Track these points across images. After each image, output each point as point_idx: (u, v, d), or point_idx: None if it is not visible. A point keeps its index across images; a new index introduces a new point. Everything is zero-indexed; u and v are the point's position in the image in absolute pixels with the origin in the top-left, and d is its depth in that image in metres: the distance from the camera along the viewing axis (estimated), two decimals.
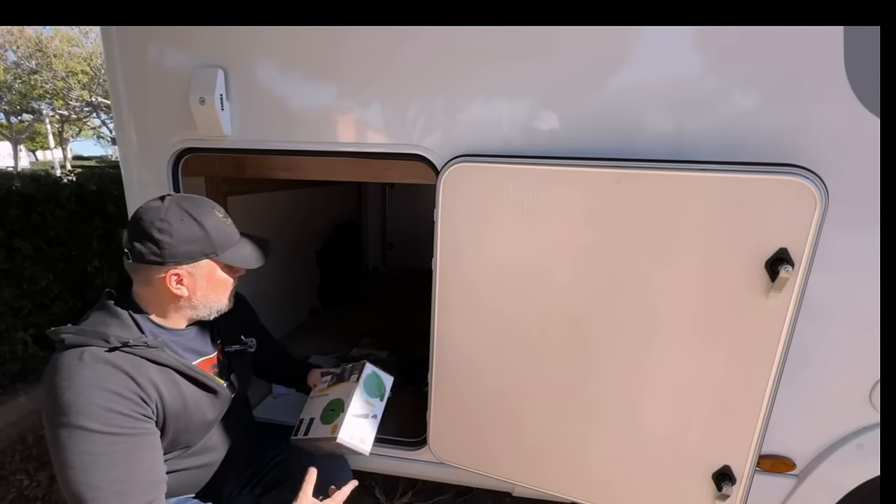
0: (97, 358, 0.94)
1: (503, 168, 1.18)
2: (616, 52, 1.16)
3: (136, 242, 1.00)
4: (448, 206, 1.25)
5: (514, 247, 1.22)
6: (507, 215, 1.20)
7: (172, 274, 1.02)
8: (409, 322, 2.70)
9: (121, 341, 0.96)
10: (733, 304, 1.06)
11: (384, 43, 1.26)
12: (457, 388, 1.40)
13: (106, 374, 0.93)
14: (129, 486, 0.92)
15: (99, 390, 0.91)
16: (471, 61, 1.23)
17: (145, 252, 0.99)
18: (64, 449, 0.88)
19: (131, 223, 1.02)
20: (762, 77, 1.09)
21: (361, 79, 1.30)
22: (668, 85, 1.14)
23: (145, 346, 0.99)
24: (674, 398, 1.18)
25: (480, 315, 1.30)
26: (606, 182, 1.09)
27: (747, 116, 1.11)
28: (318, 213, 3.05)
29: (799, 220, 0.98)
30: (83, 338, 0.95)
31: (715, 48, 1.11)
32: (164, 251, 0.99)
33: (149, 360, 1.00)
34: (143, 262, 1.00)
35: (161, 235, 0.99)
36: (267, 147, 1.42)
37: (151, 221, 0.99)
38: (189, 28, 1.36)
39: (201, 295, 1.08)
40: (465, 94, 1.26)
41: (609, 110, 1.17)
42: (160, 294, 1.06)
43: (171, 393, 1.03)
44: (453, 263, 1.29)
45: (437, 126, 1.29)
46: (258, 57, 1.36)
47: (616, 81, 1.17)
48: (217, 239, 1.06)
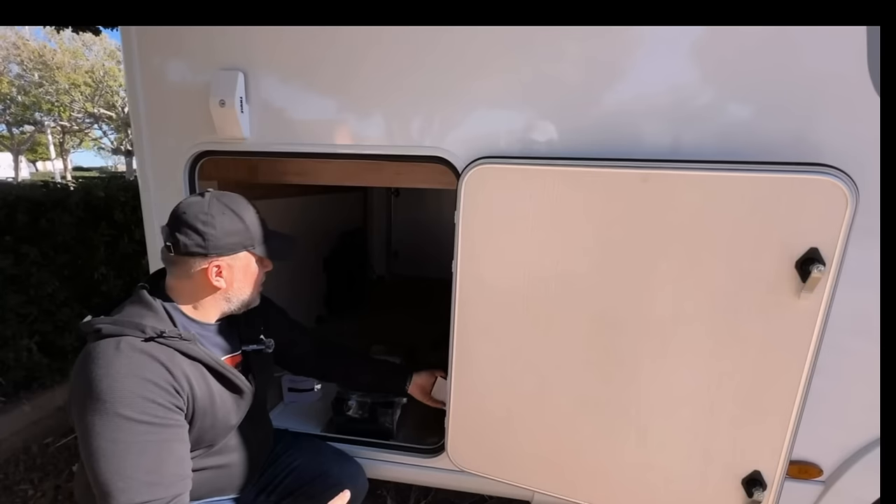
0: (134, 347, 0.95)
1: (526, 169, 1.17)
2: (638, 51, 1.17)
3: (180, 235, 1.03)
4: (470, 208, 1.24)
5: (537, 249, 1.21)
6: (530, 217, 1.19)
7: (214, 265, 1.06)
8: (416, 330, 2.68)
9: (156, 332, 0.98)
10: (763, 306, 1.05)
11: (405, 46, 1.27)
12: (477, 392, 1.38)
13: (142, 363, 0.94)
14: (159, 476, 0.91)
15: (136, 378, 0.92)
16: (492, 63, 1.23)
17: (189, 244, 1.03)
18: (97, 436, 0.89)
19: (174, 218, 1.06)
20: (786, 78, 1.09)
21: (382, 81, 1.31)
22: (692, 84, 1.14)
23: (179, 338, 1.01)
24: (702, 402, 1.16)
25: (502, 318, 1.29)
26: (632, 182, 1.09)
27: (771, 117, 1.11)
28: (327, 220, 3.05)
29: (830, 219, 0.97)
30: (120, 328, 0.97)
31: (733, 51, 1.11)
32: (208, 242, 1.03)
33: (181, 352, 1.02)
34: (187, 254, 1.04)
35: (205, 227, 1.03)
36: (285, 150, 1.42)
37: (195, 215, 1.03)
38: (209, 31, 1.37)
39: (237, 287, 1.12)
40: (488, 96, 1.26)
41: (631, 110, 1.17)
42: (198, 286, 1.09)
43: (201, 387, 1.04)
44: (475, 266, 1.28)
45: (458, 127, 1.29)
46: (278, 60, 1.36)
47: (638, 81, 1.17)
48: (254, 233, 1.11)
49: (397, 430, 1.71)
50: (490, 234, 1.24)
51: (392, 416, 1.66)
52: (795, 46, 1.08)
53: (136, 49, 1.44)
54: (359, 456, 1.56)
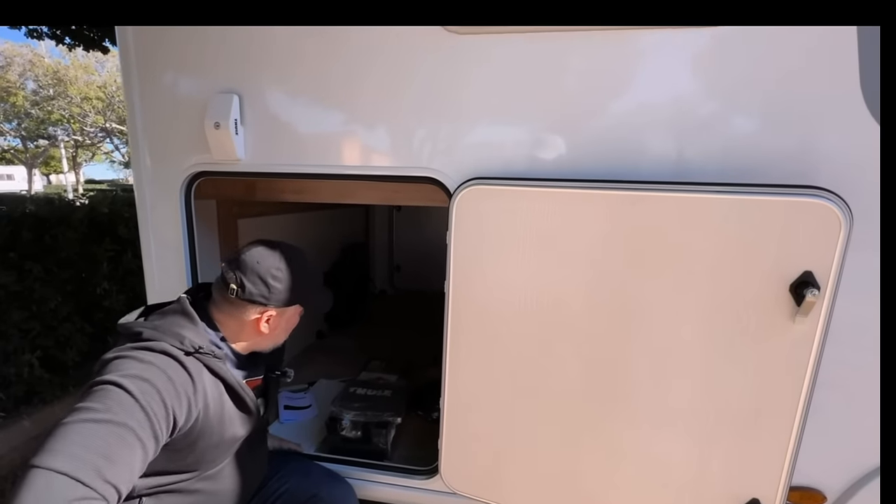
0: (167, 353, 0.98)
1: (518, 190, 1.17)
2: (628, 73, 1.17)
3: (248, 282, 1.09)
4: (461, 229, 1.24)
5: (528, 270, 1.20)
6: (522, 238, 1.18)
7: (268, 315, 1.13)
8: (417, 345, 2.66)
9: (194, 346, 1.01)
10: (758, 329, 1.03)
11: (396, 67, 1.28)
12: (470, 414, 1.36)
13: (174, 368, 0.97)
14: (109, 471, 0.82)
15: (164, 376, 0.94)
16: (484, 86, 1.24)
17: (255, 293, 1.10)
18: (87, 397, 0.87)
19: (246, 265, 1.11)
20: (779, 98, 1.09)
21: (375, 103, 1.32)
22: (681, 107, 1.14)
23: (212, 355, 1.05)
24: (697, 427, 1.13)
25: (495, 339, 1.27)
26: (622, 204, 1.08)
27: (763, 137, 1.10)
28: (326, 235, 3.06)
29: (823, 242, 0.95)
30: (161, 334, 1.01)
31: (726, 69, 1.11)
32: (272, 295, 1.11)
33: (209, 368, 1.05)
34: (248, 301, 1.10)
35: (274, 282, 1.11)
36: (279, 171, 1.43)
37: (269, 268, 1.11)
38: (206, 54, 1.39)
39: (277, 335, 1.20)
40: (479, 117, 1.26)
41: (622, 132, 1.17)
42: (244, 327, 1.15)
43: (216, 405, 1.06)
44: (467, 286, 1.27)
45: (449, 149, 1.29)
46: (272, 83, 1.38)
47: (628, 102, 1.17)
48: (312, 290, 1.20)
49: (392, 450, 1.70)
50: (482, 254, 1.23)
51: (386, 437, 1.64)
52: (790, 70, 1.07)
53: (135, 71, 1.46)
54: (351, 477, 1.54)
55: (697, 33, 1.10)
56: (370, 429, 1.63)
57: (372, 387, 1.88)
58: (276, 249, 1.14)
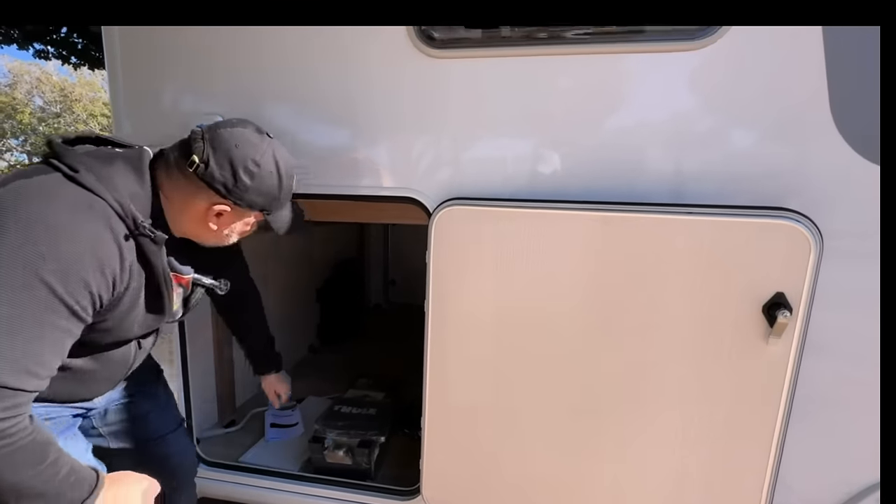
0: (106, 218, 0.83)
1: (495, 211, 1.18)
2: (610, 92, 1.18)
3: (216, 164, 0.91)
4: (440, 249, 1.24)
5: (506, 289, 1.20)
6: (499, 258, 1.19)
7: (221, 209, 0.96)
8: (409, 360, 2.63)
9: (134, 220, 0.86)
10: (732, 350, 1.03)
11: (377, 90, 1.30)
12: (451, 433, 1.35)
13: (104, 239, 0.83)
14: (40, 368, 0.78)
15: (89, 253, 0.80)
16: (461, 106, 1.25)
17: (217, 177, 0.91)
18: (2, 287, 0.73)
19: (220, 140, 0.92)
20: (756, 119, 1.10)
21: (356, 124, 1.34)
22: (664, 126, 1.15)
23: (152, 238, 0.90)
24: (675, 447, 1.12)
25: (474, 357, 1.27)
26: (598, 225, 1.09)
27: (741, 158, 1.11)
28: (320, 250, 3.07)
29: (794, 264, 0.96)
30: (102, 187, 0.84)
31: (709, 87, 1.12)
32: (235, 189, 0.93)
33: (142, 251, 0.90)
34: (205, 183, 0.92)
35: (245, 177, 0.92)
36: None
37: (245, 156, 0.92)
38: (193, 75, 1.42)
39: (223, 234, 1.02)
40: (457, 138, 1.28)
41: (603, 152, 1.18)
42: (188, 210, 0.97)
43: (135, 288, 0.93)
44: (446, 305, 1.27)
45: (428, 169, 1.30)
46: (256, 104, 1.40)
47: (610, 123, 1.18)
48: (282, 201, 1.03)
49: (376, 469, 1.68)
50: (461, 274, 1.24)
51: (370, 456, 1.63)
52: (760, 88, 1.08)
53: (121, 92, 1.49)
54: (333, 498, 1.52)
55: (672, 56, 1.12)
56: (353, 448, 1.61)
57: (357, 405, 1.86)
58: (264, 139, 0.97)
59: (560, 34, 1.15)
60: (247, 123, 0.98)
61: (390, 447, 1.79)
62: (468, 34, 1.24)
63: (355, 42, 1.28)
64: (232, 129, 0.94)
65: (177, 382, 1.64)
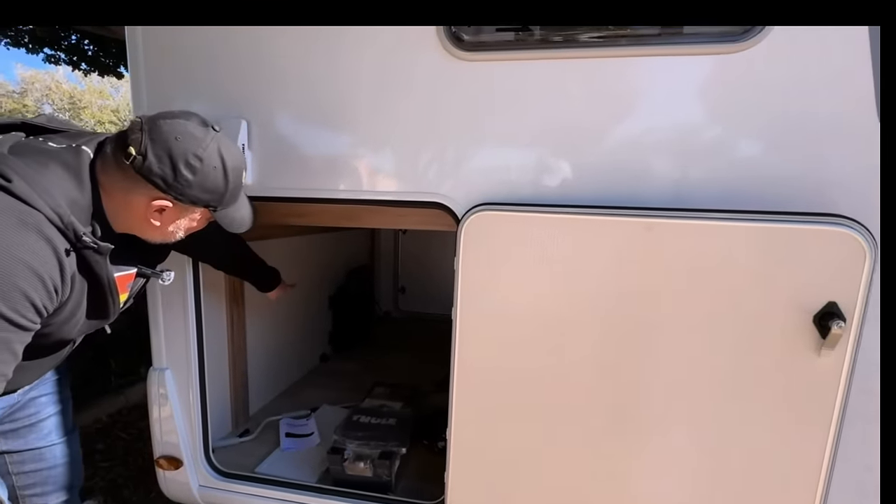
0: (41, 232, 0.78)
1: (528, 217, 1.15)
2: (636, 97, 1.15)
3: (154, 157, 0.85)
4: (469, 256, 1.21)
5: (538, 298, 1.17)
6: (532, 265, 1.16)
7: (162, 205, 0.90)
8: (421, 369, 2.61)
9: (76, 231, 0.81)
10: (780, 364, 0.99)
11: (404, 93, 1.28)
12: (479, 445, 1.31)
13: (42, 254, 0.78)
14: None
15: (27, 270, 0.76)
16: (492, 108, 1.23)
17: (156, 171, 0.85)
18: None
19: (161, 132, 0.86)
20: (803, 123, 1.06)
21: (381, 128, 1.31)
22: (706, 130, 1.12)
23: (95, 250, 0.85)
24: (716, 466, 1.08)
25: (505, 366, 1.23)
26: (636, 231, 1.05)
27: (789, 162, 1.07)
28: (332, 257, 3.04)
29: (848, 272, 0.92)
30: (37, 197, 0.78)
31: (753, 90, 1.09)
32: (175, 184, 0.87)
33: (85, 262, 0.86)
34: (143, 177, 0.86)
35: (186, 171, 0.87)
36: (286, 195, 1.42)
37: (186, 150, 0.87)
38: (217, 80, 1.40)
39: (169, 231, 0.97)
40: (488, 141, 1.25)
41: (641, 155, 1.15)
42: (128, 207, 0.91)
43: (76, 297, 0.89)
44: (475, 314, 1.23)
45: (457, 174, 1.27)
46: (280, 108, 1.38)
47: (649, 126, 1.15)
48: (228, 197, 0.97)
49: (396, 482, 1.63)
50: (491, 281, 1.20)
51: (391, 468, 1.58)
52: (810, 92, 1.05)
53: (145, 96, 1.47)
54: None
55: (701, 58, 1.09)
56: (374, 460, 1.57)
57: (376, 415, 1.82)
58: (209, 133, 0.91)
59: (597, 36, 1.12)
60: (190, 115, 0.93)
61: (410, 459, 1.75)
62: (500, 37, 1.21)
63: (383, 44, 1.26)
64: (173, 121, 0.88)
65: (193, 391, 1.60)
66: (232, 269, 1.70)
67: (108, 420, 2.68)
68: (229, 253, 1.55)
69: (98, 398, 2.74)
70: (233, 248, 1.55)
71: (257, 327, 2.20)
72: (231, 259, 1.59)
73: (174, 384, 1.60)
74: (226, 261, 1.58)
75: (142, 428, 2.60)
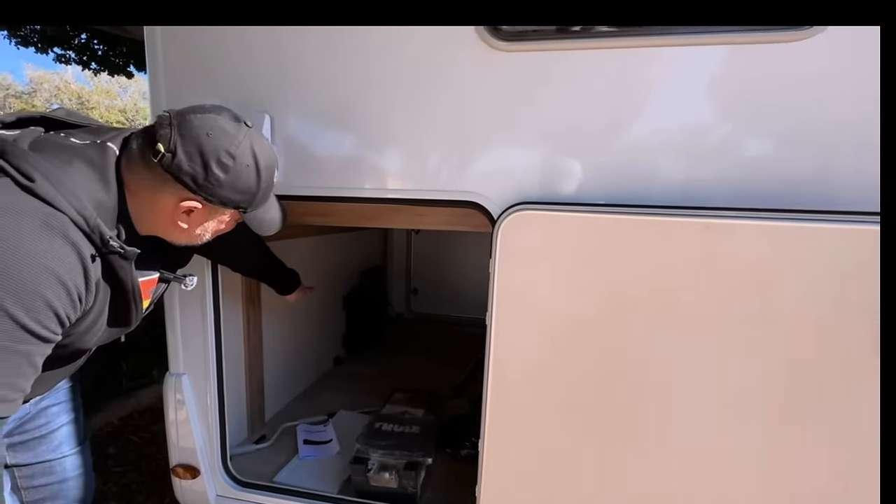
0: (66, 236, 0.73)
1: (572, 217, 1.08)
2: (688, 87, 1.08)
3: (184, 154, 0.80)
4: (507, 259, 1.14)
5: (583, 302, 1.09)
6: (577, 269, 1.09)
7: (191, 206, 0.85)
8: (438, 373, 2.54)
9: (102, 235, 0.77)
10: (852, 378, 0.91)
11: (434, 82, 1.21)
12: (515, 457, 1.24)
13: (66, 259, 0.74)
14: (9, 391, 0.74)
15: (51, 277, 0.72)
16: (531, 99, 1.16)
17: (186, 170, 0.80)
18: None
19: (193, 127, 0.81)
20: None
21: (410, 122, 1.24)
22: (771, 123, 1.04)
23: (121, 255, 0.80)
24: (780, 487, 1.00)
25: (544, 375, 1.16)
26: (692, 231, 0.98)
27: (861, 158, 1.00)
28: (348, 258, 2.99)
29: None
30: (62, 199, 0.73)
31: (812, 81, 1.02)
32: (206, 184, 0.82)
33: (110, 267, 0.81)
34: (172, 175, 0.80)
35: (218, 169, 0.81)
36: (310, 193, 1.36)
37: (218, 147, 0.81)
38: (238, 73, 1.34)
39: (195, 234, 0.92)
40: (527, 136, 1.18)
41: (695, 150, 1.08)
42: (153, 208, 0.86)
43: (100, 305, 0.85)
44: (512, 322, 1.16)
45: (494, 170, 1.20)
46: (304, 103, 1.31)
47: (704, 117, 1.08)
48: (260, 198, 0.92)
49: (421, 493, 1.57)
50: (531, 285, 1.13)
51: (416, 479, 1.52)
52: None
53: (163, 90, 1.42)
54: None
55: (771, 47, 1.02)
56: (399, 470, 1.50)
57: (398, 422, 1.76)
58: (241, 129, 0.85)
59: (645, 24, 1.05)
60: (221, 109, 0.87)
61: (434, 468, 1.68)
62: (541, 26, 1.14)
63: (416, 36, 1.20)
64: (204, 116, 0.83)
65: (211, 397, 1.54)
66: (252, 272, 1.65)
67: (120, 423, 2.63)
68: (251, 255, 1.50)
69: (109, 401, 2.69)
70: (255, 250, 1.50)
71: (274, 329, 2.14)
72: (253, 261, 1.54)
73: (192, 390, 1.54)
74: (247, 263, 1.54)
75: (154, 432, 2.55)
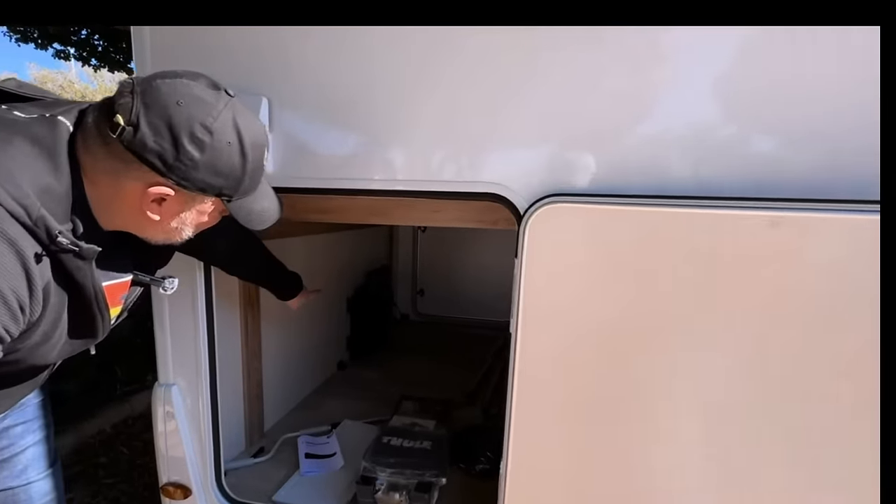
0: (5, 235, 0.61)
1: (610, 210, 0.94)
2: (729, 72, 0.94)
3: (147, 127, 0.64)
4: (535, 257, 1.01)
5: (623, 308, 0.97)
6: (615, 269, 0.96)
7: (161, 193, 0.70)
8: (447, 378, 2.41)
9: (48, 230, 0.64)
10: None
11: (451, 65, 1.08)
12: (543, 476, 1.11)
13: (4, 263, 0.62)
14: None
15: None
16: (563, 80, 1.02)
17: (151, 147, 0.65)
18: None
19: (160, 95, 0.66)
20: None
21: (425, 108, 1.11)
22: (826, 110, 0.91)
23: (75, 254, 0.67)
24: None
25: (576, 394, 1.03)
26: (757, 227, 0.85)
27: None
28: (352, 258, 2.86)
29: None
30: (2, 192, 0.60)
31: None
32: (177, 165, 0.67)
33: (63, 269, 0.68)
34: (135, 154, 0.65)
35: (191, 146, 0.66)
36: (313, 186, 1.23)
37: (191, 118, 0.66)
38: (232, 51, 1.21)
39: (170, 227, 0.77)
40: (556, 121, 1.04)
41: (748, 136, 0.94)
42: (115, 196, 0.71)
43: (53, 313, 0.71)
44: (542, 326, 1.03)
45: (520, 159, 1.07)
46: (306, 86, 1.18)
47: (759, 101, 0.94)
48: (247, 184, 0.76)
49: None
50: (562, 287, 1.00)
51: (429, 501, 1.39)
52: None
53: (150, 67, 1.28)
54: None
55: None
56: (410, 491, 1.37)
57: (408, 436, 1.63)
58: (221, 97, 0.69)
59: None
60: (198, 75, 0.70)
61: (447, 485, 1.55)
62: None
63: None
64: (174, 81, 0.67)
65: (203, 410, 1.41)
66: (248, 275, 1.50)
67: (112, 431, 2.52)
68: (246, 256, 1.33)
69: (102, 407, 2.57)
70: (250, 250, 1.32)
71: (274, 333, 2.01)
72: (248, 263, 1.36)
73: (182, 401, 1.41)
74: (242, 265, 1.36)
75: (147, 440, 2.42)
